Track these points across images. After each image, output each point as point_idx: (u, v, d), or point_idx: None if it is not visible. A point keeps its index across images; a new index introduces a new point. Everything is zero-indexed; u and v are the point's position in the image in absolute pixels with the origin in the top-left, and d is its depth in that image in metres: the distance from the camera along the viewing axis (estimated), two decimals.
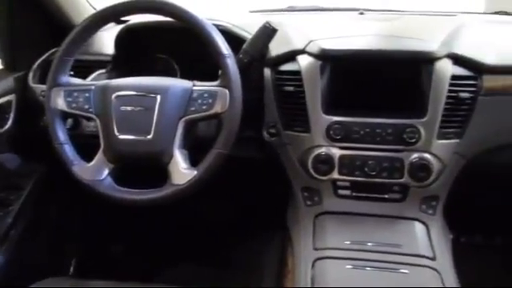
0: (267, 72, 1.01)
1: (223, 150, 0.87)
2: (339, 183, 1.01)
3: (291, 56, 1.00)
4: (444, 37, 0.99)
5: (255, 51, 0.97)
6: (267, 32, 0.96)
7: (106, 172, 0.90)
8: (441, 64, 0.94)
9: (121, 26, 1.14)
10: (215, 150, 0.87)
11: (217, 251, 1.55)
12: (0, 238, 1.17)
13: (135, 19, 1.14)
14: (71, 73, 0.96)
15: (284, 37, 1.03)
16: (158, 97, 0.88)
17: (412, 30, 1.09)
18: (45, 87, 0.95)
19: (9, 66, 1.18)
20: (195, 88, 0.89)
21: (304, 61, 0.98)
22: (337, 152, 0.97)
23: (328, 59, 0.97)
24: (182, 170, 0.87)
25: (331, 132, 0.97)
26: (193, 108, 0.87)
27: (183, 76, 1.02)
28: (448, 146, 0.96)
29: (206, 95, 0.87)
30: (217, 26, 0.91)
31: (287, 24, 1.09)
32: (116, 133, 0.88)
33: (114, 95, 0.89)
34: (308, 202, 1.03)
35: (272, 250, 1.38)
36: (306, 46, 1.00)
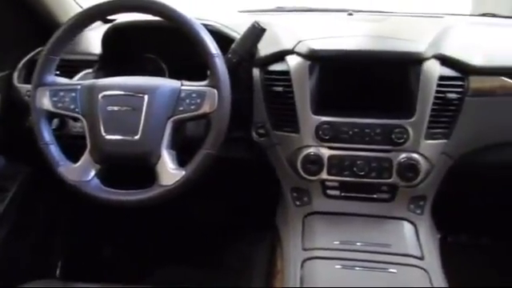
0: (256, 72, 1.01)
1: (212, 151, 0.86)
2: (328, 183, 1.01)
3: (280, 56, 1.00)
4: (432, 38, 1.00)
5: (244, 51, 0.97)
6: (256, 32, 0.96)
7: (93, 173, 0.89)
8: (429, 65, 0.95)
9: (108, 25, 1.13)
10: (204, 151, 0.86)
11: (206, 252, 1.55)
12: None
13: (122, 18, 1.13)
14: (57, 72, 0.94)
15: (273, 37, 1.03)
16: (146, 97, 0.87)
17: (400, 31, 1.10)
18: (30, 87, 0.94)
19: None
20: (183, 88, 0.88)
21: (293, 61, 0.98)
22: (326, 152, 0.98)
23: (317, 59, 0.97)
24: (170, 171, 0.86)
25: (320, 132, 0.97)
26: (181, 108, 0.87)
27: (171, 76, 1.01)
28: (436, 146, 0.97)
29: (195, 95, 0.87)
30: (205, 26, 0.90)
31: (276, 24, 1.09)
32: (103, 133, 0.87)
33: (101, 95, 0.88)
34: (297, 203, 1.04)
35: (262, 251, 1.38)
36: (295, 46, 1.00)
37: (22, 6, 1.16)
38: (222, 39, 0.96)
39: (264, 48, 1.01)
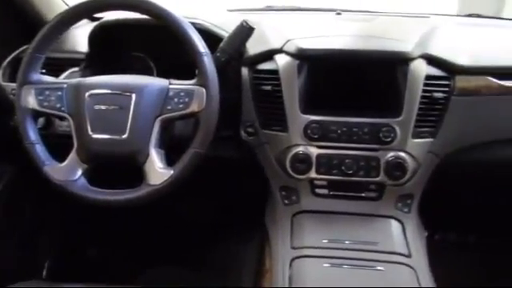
0: (245, 71, 1.01)
1: (200, 150, 0.86)
2: (317, 182, 1.01)
3: (269, 55, 1.00)
4: (418, 38, 1.01)
5: (232, 50, 0.96)
6: (244, 30, 0.96)
7: (80, 172, 0.88)
8: (415, 64, 0.95)
9: (95, 23, 1.12)
10: (192, 150, 0.86)
11: (194, 251, 1.54)
12: None
13: (110, 16, 1.12)
14: (43, 71, 0.93)
15: (261, 36, 1.03)
16: (134, 95, 0.86)
17: (388, 31, 1.11)
18: (15, 85, 0.92)
19: None
20: (171, 86, 0.87)
21: (281, 60, 0.98)
22: (314, 151, 0.98)
23: (305, 59, 0.97)
24: (158, 170, 0.85)
25: (309, 131, 0.97)
26: (169, 107, 0.86)
27: (159, 74, 1.01)
28: (422, 145, 0.98)
29: (183, 94, 0.86)
30: (194, 25, 0.90)
31: (265, 23, 1.09)
32: (90, 132, 0.86)
33: (88, 94, 0.87)
34: (286, 201, 1.04)
35: (250, 250, 1.38)
36: (284, 46, 1.00)
37: (8, 4, 1.14)
38: (211, 38, 0.96)
39: (253, 47, 1.01)
